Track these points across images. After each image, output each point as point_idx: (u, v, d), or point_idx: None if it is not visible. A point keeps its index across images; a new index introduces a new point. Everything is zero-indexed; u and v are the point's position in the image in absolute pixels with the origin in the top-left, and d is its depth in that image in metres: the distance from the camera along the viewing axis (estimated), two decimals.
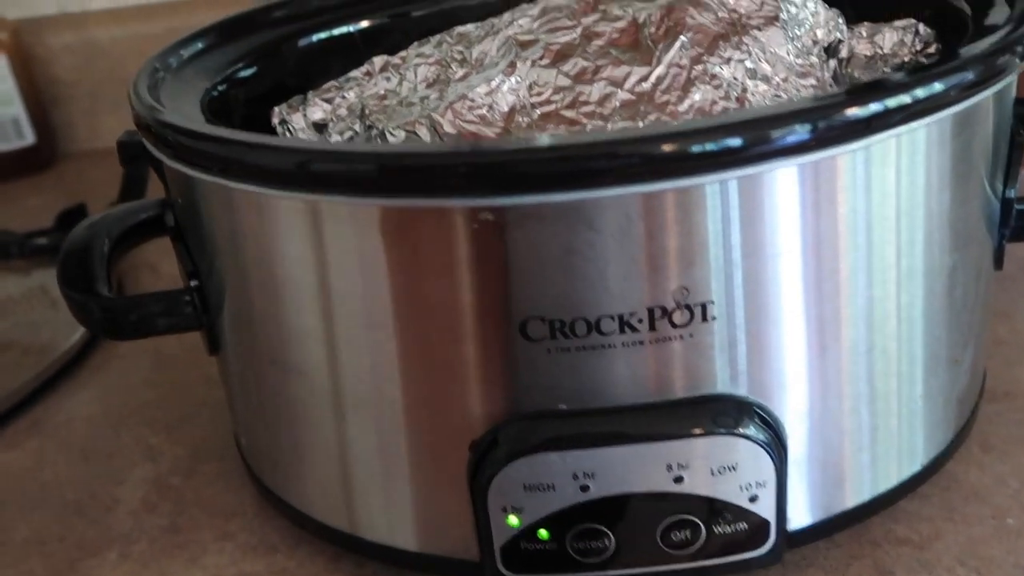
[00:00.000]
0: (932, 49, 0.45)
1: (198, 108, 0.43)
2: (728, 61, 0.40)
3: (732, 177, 0.33)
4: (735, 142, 0.32)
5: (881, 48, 0.45)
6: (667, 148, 0.32)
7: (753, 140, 0.32)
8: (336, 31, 0.54)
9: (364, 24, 0.55)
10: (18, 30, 0.87)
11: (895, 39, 0.45)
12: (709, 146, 0.32)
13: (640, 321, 0.35)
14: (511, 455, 0.37)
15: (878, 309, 0.38)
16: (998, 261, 0.44)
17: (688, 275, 0.35)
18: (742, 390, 0.37)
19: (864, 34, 0.45)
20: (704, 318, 0.35)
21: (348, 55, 0.53)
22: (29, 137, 0.86)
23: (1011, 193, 0.43)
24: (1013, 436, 0.47)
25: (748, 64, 0.40)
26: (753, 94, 0.39)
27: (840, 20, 0.44)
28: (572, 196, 0.33)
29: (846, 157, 0.34)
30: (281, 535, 0.46)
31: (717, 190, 0.33)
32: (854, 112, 0.33)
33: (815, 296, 0.36)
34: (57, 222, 0.72)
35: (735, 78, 0.40)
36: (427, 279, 0.35)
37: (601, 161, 0.32)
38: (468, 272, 0.35)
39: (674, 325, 0.35)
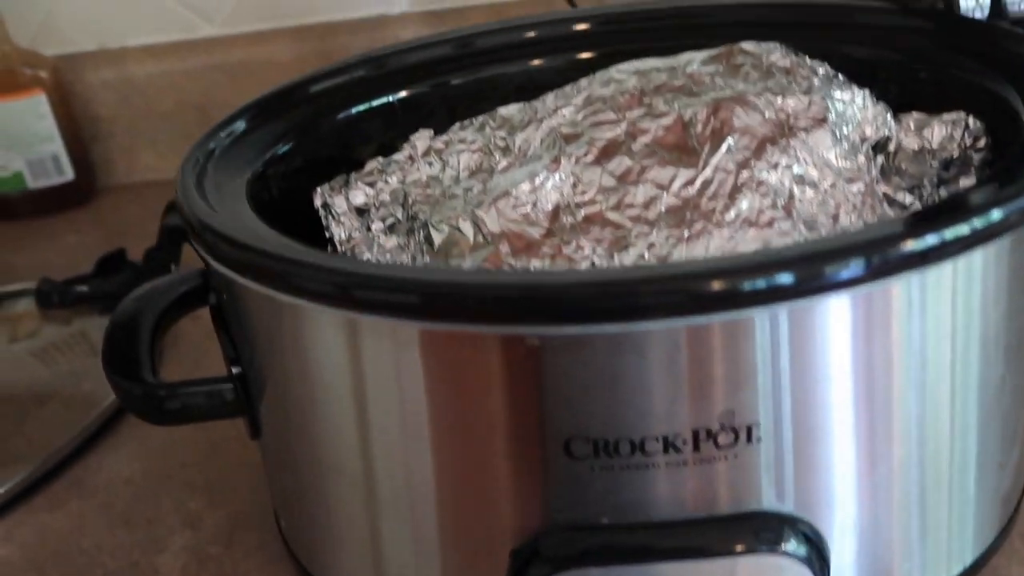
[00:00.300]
0: (982, 143, 0.44)
1: (243, 198, 0.43)
2: (775, 166, 0.40)
3: (783, 309, 0.33)
4: (786, 279, 0.32)
5: (930, 142, 0.44)
6: (716, 286, 0.31)
7: (805, 276, 0.32)
8: (375, 102, 0.54)
9: (403, 94, 0.54)
10: (57, 67, 0.87)
11: (944, 133, 0.44)
12: (759, 283, 0.31)
13: (684, 443, 0.35)
14: (555, 566, 0.37)
15: (930, 424, 0.38)
16: None
17: (734, 399, 0.34)
18: (788, 506, 0.37)
19: (912, 127, 0.45)
20: (749, 439, 0.35)
21: (388, 124, 0.53)
22: (68, 173, 0.86)
23: None
24: None
25: (795, 170, 0.40)
26: (800, 201, 0.39)
27: (888, 116, 0.43)
28: (618, 328, 0.33)
29: (900, 285, 0.34)
30: None
31: (767, 321, 0.33)
32: (910, 246, 0.32)
33: (866, 416, 0.36)
34: (96, 268, 0.72)
35: (782, 184, 0.39)
36: (467, 398, 0.36)
37: (649, 298, 0.32)
38: (509, 393, 0.35)
39: (718, 446, 0.35)
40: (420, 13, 0.91)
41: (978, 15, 0.53)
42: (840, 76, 0.47)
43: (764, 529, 0.37)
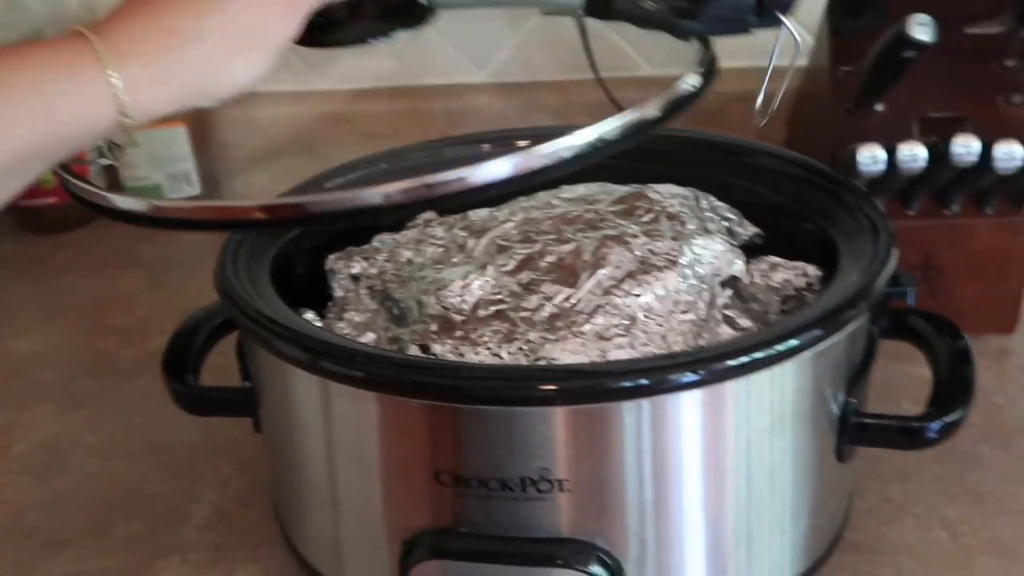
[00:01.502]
0: (816, 287, 0.58)
1: (266, 272, 0.60)
2: (629, 295, 0.54)
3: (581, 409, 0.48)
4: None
5: (775, 282, 0.58)
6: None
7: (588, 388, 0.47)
8: None
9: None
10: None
11: (786, 277, 0.58)
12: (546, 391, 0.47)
13: (515, 485, 0.50)
14: (425, 555, 0.53)
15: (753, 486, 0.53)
16: (839, 455, 0.57)
17: (548, 460, 0.50)
18: (594, 539, 0.51)
19: (765, 268, 0.58)
20: (561, 489, 0.50)
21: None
22: (197, 187, 1.07)
23: (851, 404, 0.55)
24: None
25: (642, 300, 0.54)
26: (642, 324, 0.54)
27: (738, 260, 0.57)
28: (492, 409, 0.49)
29: (689, 396, 0.49)
30: (293, 566, 0.64)
31: (559, 414, 0.48)
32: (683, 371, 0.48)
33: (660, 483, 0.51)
34: None
35: (631, 309, 0.54)
36: (392, 439, 0.52)
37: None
38: (399, 439, 0.52)
39: (539, 491, 0.50)
40: (494, 84, 1.07)
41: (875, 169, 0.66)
42: (735, 217, 0.61)
43: (577, 552, 0.52)
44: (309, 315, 0.60)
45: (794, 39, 0.53)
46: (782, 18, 0.54)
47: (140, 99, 0.46)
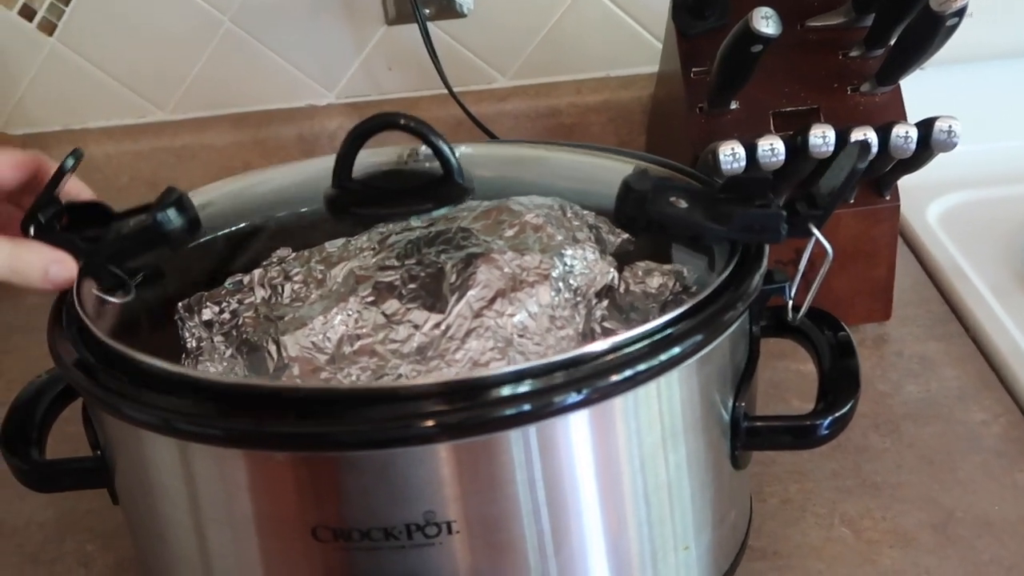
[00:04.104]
0: (694, 289, 0.56)
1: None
2: (502, 315, 0.51)
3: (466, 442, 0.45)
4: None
5: (651, 287, 0.56)
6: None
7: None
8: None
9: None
10: (25, 144, 1.00)
11: (661, 281, 0.56)
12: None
13: (400, 533, 0.47)
14: None
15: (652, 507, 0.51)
16: (735, 462, 0.55)
17: (435, 502, 0.46)
18: None
19: (640, 274, 0.56)
20: (450, 531, 0.47)
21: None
22: None
23: (740, 408, 0.54)
24: None
25: (516, 319, 0.51)
26: (517, 346, 0.51)
27: (611, 269, 0.55)
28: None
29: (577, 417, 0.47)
30: None
31: (444, 450, 0.45)
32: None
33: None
34: None
35: (505, 330, 0.51)
36: (260, 498, 0.48)
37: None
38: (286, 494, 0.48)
39: (426, 536, 0.47)
40: (343, 105, 1.03)
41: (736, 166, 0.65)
42: (603, 225, 0.58)
43: None
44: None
45: (826, 250, 0.54)
46: (814, 230, 0.54)
47: None
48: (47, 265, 0.54)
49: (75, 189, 0.60)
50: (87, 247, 0.56)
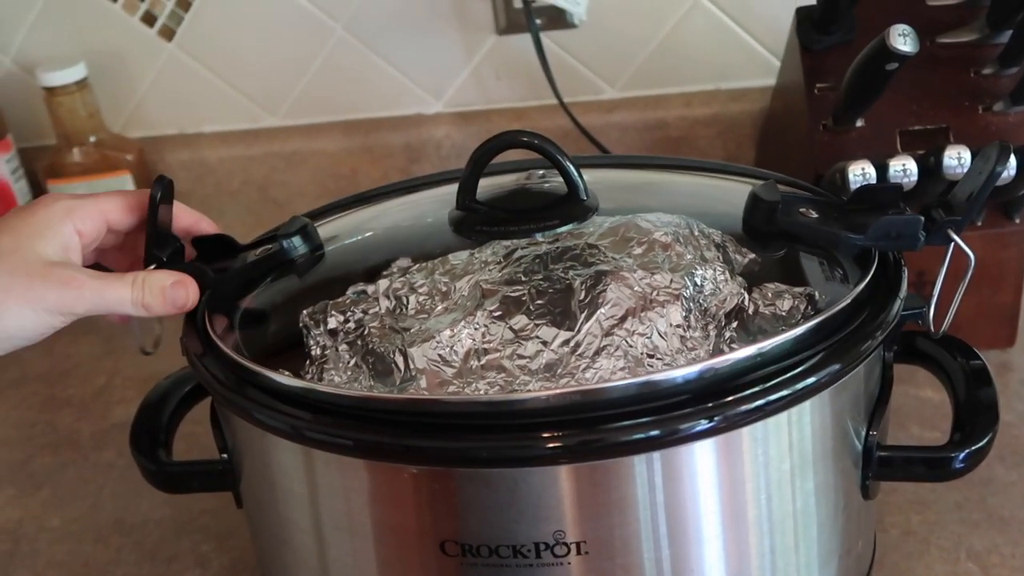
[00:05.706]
0: (825, 313, 0.55)
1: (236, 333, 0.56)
2: (632, 334, 0.51)
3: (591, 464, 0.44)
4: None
5: (781, 310, 0.55)
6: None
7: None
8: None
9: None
10: (143, 148, 1.03)
11: (791, 304, 0.55)
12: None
13: (529, 551, 0.46)
14: None
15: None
16: (865, 492, 0.54)
17: (563, 522, 0.46)
18: None
19: (769, 296, 0.55)
20: (579, 552, 0.47)
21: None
22: None
23: (873, 437, 0.52)
24: None
25: (646, 340, 0.51)
26: (648, 366, 0.50)
27: (741, 290, 0.54)
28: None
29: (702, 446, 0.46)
30: None
31: (570, 473, 0.45)
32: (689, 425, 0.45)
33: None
34: None
35: (636, 350, 0.50)
36: (388, 510, 0.48)
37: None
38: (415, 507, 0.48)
39: (555, 556, 0.47)
40: (450, 114, 1.04)
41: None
42: (729, 244, 0.58)
43: None
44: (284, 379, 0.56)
45: (967, 255, 0.53)
46: (954, 236, 0.53)
47: None
48: (166, 286, 0.54)
49: (191, 219, 0.60)
50: (216, 276, 0.57)
